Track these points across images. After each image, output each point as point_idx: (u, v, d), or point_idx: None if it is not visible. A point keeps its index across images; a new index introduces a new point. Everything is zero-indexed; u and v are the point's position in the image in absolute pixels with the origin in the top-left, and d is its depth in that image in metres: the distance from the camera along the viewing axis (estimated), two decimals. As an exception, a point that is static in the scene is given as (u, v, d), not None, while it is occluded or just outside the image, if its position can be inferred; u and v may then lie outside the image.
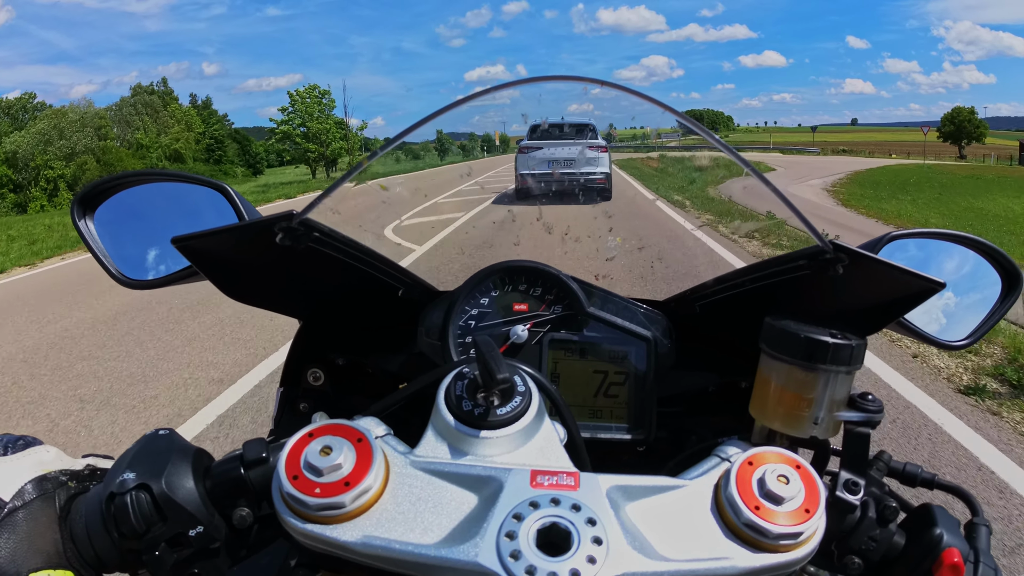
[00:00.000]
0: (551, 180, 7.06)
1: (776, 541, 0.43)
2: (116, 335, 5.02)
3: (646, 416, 0.74)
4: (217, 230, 0.57)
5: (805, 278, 0.61)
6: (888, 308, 0.60)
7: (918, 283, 0.54)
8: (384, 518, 0.44)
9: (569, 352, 0.76)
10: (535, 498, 0.43)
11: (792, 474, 0.46)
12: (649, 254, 5.89)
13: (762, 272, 0.65)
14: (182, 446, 0.50)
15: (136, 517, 0.45)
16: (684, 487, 0.47)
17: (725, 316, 0.76)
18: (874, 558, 0.53)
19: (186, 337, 4.83)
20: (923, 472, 0.62)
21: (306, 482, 0.44)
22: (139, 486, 0.45)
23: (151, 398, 3.68)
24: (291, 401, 0.82)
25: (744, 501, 0.44)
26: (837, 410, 0.55)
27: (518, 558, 0.40)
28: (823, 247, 0.55)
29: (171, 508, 0.46)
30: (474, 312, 0.79)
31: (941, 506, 0.54)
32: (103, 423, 3.37)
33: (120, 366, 4.30)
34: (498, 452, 0.48)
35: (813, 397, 0.54)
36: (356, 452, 0.45)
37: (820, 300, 0.65)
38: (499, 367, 0.48)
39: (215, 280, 0.63)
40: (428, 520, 0.44)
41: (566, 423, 0.57)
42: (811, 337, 0.53)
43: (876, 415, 0.55)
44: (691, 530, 0.45)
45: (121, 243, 0.78)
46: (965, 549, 0.51)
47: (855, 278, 0.57)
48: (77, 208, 0.76)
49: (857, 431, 0.55)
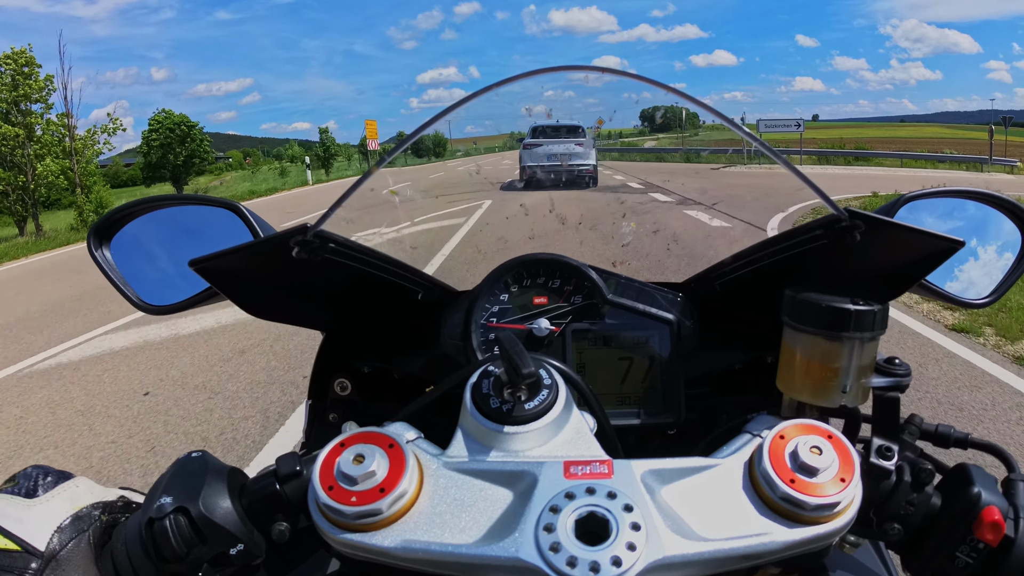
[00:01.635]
0: (551, 170, 7.95)
1: (814, 513, 0.43)
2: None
3: (674, 399, 0.74)
4: (233, 249, 0.58)
5: (823, 248, 0.60)
6: (909, 271, 0.59)
7: (937, 243, 0.53)
8: (422, 521, 0.44)
9: (593, 341, 0.76)
10: (570, 489, 0.43)
11: (825, 444, 0.46)
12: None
13: (780, 245, 0.65)
14: (216, 466, 0.50)
15: (176, 540, 0.45)
16: (717, 466, 0.47)
17: (745, 292, 0.75)
18: (913, 522, 0.53)
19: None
20: (955, 432, 0.62)
21: (341, 492, 0.44)
22: (177, 509, 0.46)
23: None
24: (320, 413, 0.82)
25: (779, 475, 0.44)
26: (864, 377, 0.54)
27: (558, 550, 0.40)
28: (839, 215, 0.55)
29: (210, 529, 0.46)
30: (495, 309, 0.79)
31: (977, 465, 0.54)
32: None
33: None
34: (529, 446, 0.49)
35: (839, 366, 0.54)
36: (389, 458, 0.46)
37: (840, 268, 0.65)
38: (524, 362, 0.48)
39: (235, 299, 0.64)
40: (465, 520, 0.44)
41: (595, 412, 0.57)
42: (832, 306, 0.53)
43: (904, 379, 0.54)
44: (727, 508, 0.45)
45: (139, 270, 0.79)
46: (1004, 506, 0.51)
47: (873, 244, 0.57)
48: (93, 239, 0.77)
49: (887, 396, 0.54)
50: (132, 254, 0.79)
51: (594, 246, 2.51)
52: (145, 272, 0.79)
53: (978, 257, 0.80)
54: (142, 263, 0.80)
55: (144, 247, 0.80)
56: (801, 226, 0.61)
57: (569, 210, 2.58)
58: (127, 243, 0.79)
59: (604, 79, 0.56)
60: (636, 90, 0.55)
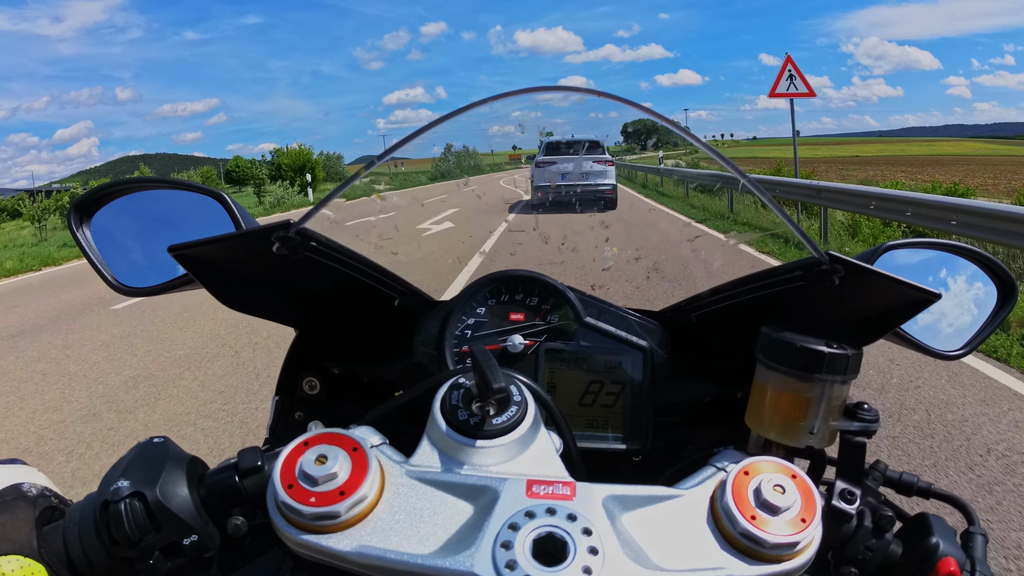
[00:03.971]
0: (564, 192, 7.32)
1: (772, 551, 0.43)
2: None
3: (642, 426, 0.74)
4: (214, 239, 0.57)
5: (801, 289, 0.61)
6: (884, 318, 0.60)
7: (914, 294, 0.54)
8: (379, 528, 0.44)
9: (565, 362, 0.76)
10: (531, 508, 0.43)
11: (788, 483, 0.46)
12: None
13: (758, 283, 0.66)
14: (177, 454, 0.49)
15: (130, 525, 0.44)
16: (680, 497, 0.47)
17: (721, 326, 0.76)
18: (870, 568, 0.53)
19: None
20: (919, 481, 0.62)
21: (301, 491, 0.43)
22: (133, 494, 0.45)
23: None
24: (286, 410, 0.81)
25: (740, 511, 0.44)
26: (833, 419, 0.54)
27: (514, 568, 0.39)
28: (819, 258, 0.55)
29: (165, 516, 0.45)
30: (470, 322, 0.79)
31: (937, 515, 0.54)
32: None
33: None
34: (494, 462, 0.48)
35: (809, 407, 0.54)
36: (351, 461, 0.45)
37: (816, 310, 0.65)
38: (495, 377, 0.48)
39: (211, 288, 0.63)
40: (424, 530, 0.44)
41: (562, 433, 0.57)
42: (807, 347, 0.53)
43: (872, 425, 0.55)
44: (687, 540, 0.45)
45: (117, 250, 0.77)
46: (961, 558, 0.51)
47: (851, 289, 0.57)
48: (74, 214, 0.76)
49: (853, 440, 0.55)
50: (112, 233, 0.78)
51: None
52: (123, 253, 0.78)
53: (954, 309, 0.81)
54: (121, 243, 0.78)
55: (125, 228, 0.79)
56: (781, 266, 0.62)
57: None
58: (107, 222, 0.77)
59: (571, 98, 0.57)
60: (604, 110, 0.56)
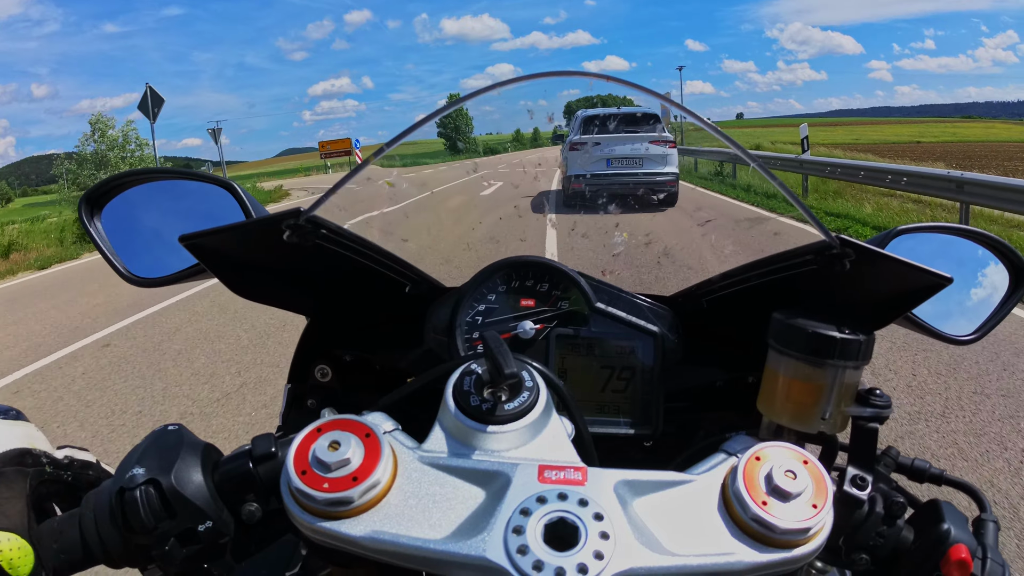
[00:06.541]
0: (610, 182, 5.57)
1: (783, 537, 0.43)
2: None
3: (653, 411, 0.74)
4: (224, 228, 0.57)
5: (812, 273, 0.61)
6: (896, 303, 0.59)
7: (926, 278, 0.54)
8: (392, 513, 0.44)
9: (576, 348, 0.76)
10: (542, 493, 0.43)
11: (800, 469, 0.46)
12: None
13: (769, 267, 0.65)
14: (191, 441, 0.50)
15: (146, 512, 0.45)
16: (691, 482, 0.47)
17: (732, 311, 0.76)
18: (882, 554, 0.53)
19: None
20: (931, 468, 0.62)
21: (314, 477, 0.44)
22: (148, 481, 0.46)
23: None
24: (299, 397, 0.82)
25: (751, 496, 0.44)
26: (845, 405, 0.54)
27: (525, 553, 0.40)
28: (830, 242, 0.55)
29: (180, 503, 0.46)
30: (481, 308, 0.79)
31: (949, 502, 0.54)
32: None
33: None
34: (506, 447, 0.48)
35: (821, 392, 0.54)
36: (364, 447, 0.45)
37: (827, 295, 0.65)
38: (507, 362, 0.48)
39: (223, 277, 0.64)
40: (436, 515, 0.44)
41: (573, 418, 0.57)
42: (819, 332, 0.53)
43: (884, 411, 0.54)
44: (698, 525, 0.45)
45: (128, 241, 0.78)
46: (973, 545, 0.51)
47: (862, 273, 0.57)
48: (85, 206, 0.76)
49: (865, 426, 0.55)
50: (122, 225, 0.78)
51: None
52: (134, 243, 0.78)
53: (966, 294, 0.81)
54: (132, 234, 0.79)
55: (135, 219, 0.79)
56: (792, 250, 0.61)
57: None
58: (118, 213, 0.78)
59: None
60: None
